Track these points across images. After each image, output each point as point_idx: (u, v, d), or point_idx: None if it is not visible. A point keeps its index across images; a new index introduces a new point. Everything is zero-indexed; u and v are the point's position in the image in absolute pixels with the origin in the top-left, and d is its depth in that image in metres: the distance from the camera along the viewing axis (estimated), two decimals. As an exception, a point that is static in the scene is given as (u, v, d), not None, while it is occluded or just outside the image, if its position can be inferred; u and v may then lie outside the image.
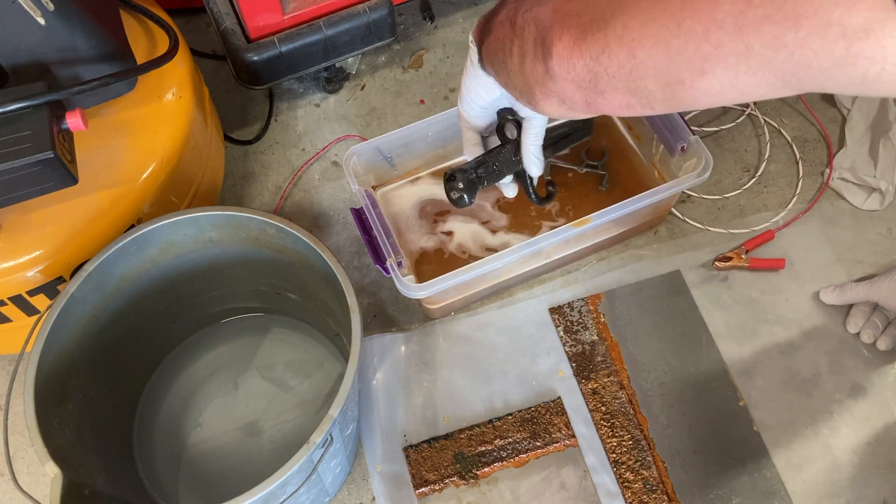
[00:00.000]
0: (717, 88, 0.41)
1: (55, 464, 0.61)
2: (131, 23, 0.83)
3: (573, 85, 0.48)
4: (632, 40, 0.43)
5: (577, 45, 0.46)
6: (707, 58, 0.40)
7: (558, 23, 0.47)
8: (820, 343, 0.89)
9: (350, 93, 1.11)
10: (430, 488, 0.82)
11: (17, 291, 0.75)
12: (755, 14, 0.37)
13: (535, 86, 0.52)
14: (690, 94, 0.42)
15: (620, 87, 0.46)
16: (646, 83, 0.44)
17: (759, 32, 0.37)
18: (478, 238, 0.94)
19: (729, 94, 0.41)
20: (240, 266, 0.83)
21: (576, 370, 0.88)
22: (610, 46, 0.44)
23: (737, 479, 0.82)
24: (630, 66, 0.44)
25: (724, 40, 0.38)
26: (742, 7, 0.37)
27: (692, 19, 0.39)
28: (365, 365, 0.89)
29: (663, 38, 0.41)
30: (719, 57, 0.39)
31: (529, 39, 0.50)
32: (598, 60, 0.45)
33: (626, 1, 0.43)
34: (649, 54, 0.42)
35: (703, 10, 0.39)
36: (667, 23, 0.41)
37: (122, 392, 0.85)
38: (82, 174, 0.69)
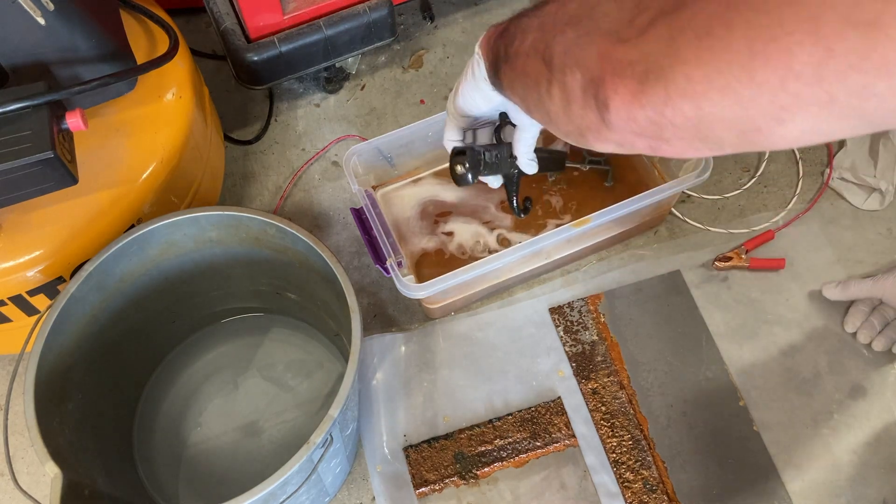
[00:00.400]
0: (798, 134, 0.39)
1: (55, 464, 0.61)
2: (131, 23, 0.83)
3: (634, 135, 0.45)
4: (696, 92, 0.40)
5: (637, 99, 0.43)
6: (785, 107, 0.37)
7: (610, 73, 0.44)
8: (820, 343, 0.89)
9: (350, 93, 1.11)
10: (430, 488, 0.82)
11: (17, 291, 0.75)
12: (838, 64, 0.34)
13: (587, 132, 0.49)
14: (768, 140, 0.40)
15: (688, 136, 0.43)
16: (716, 132, 0.41)
17: (844, 83, 0.35)
18: (479, 238, 0.94)
19: (810, 137, 0.39)
20: (240, 266, 0.83)
21: (576, 370, 0.88)
22: (673, 99, 0.41)
23: (737, 479, 0.82)
24: (697, 117, 0.41)
25: (804, 91, 0.36)
26: (821, 58, 0.34)
27: (764, 70, 0.37)
28: (365, 365, 0.89)
29: (733, 90, 0.38)
30: (799, 107, 0.37)
31: (575, 86, 0.47)
32: (662, 113, 0.42)
33: (683, 48, 0.40)
34: (719, 106, 0.39)
35: (777, 61, 0.36)
36: (735, 74, 0.38)
37: (122, 392, 0.85)
38: (82, 174, 0.69)
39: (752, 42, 0.37)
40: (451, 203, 0.96)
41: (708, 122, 0.41)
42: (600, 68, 0.44)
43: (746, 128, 0.40)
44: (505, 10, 1.17)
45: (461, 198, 0.96)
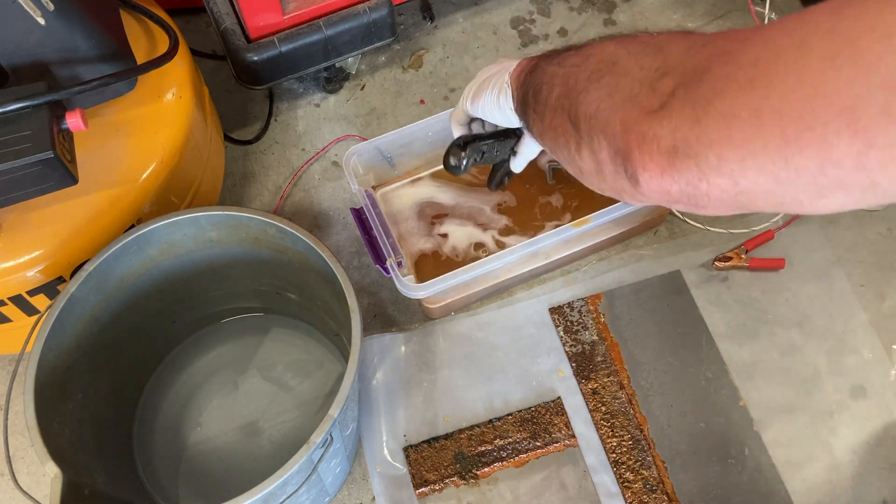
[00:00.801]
0: (839, 206, 0.38)
1: (55, 464, 0.61)
2: (131, 23, 0.83)
3: (670, 202, 0.45)
4: (732, 171, 0.39)
5: (668, 174, 0.42)
6: (826, 187, 0.37)
7: (637, 147, 0.43)
8: (820, 343, 0.89)
9: (350, 93, 1.11)
10: (430, 488, 0.82)
11: (17, 291, 0.75)
12: (880, 156, 0.34)
13: (622, 193, 0.48)
14: (809, 209, 0.39)
15: (725, 205, 0.42)
16: (755, 203, 0.41)
17: (887, 172, 0.34)
18: (472, 241, 0.94)
19: (852, 207, 0.39)
20: (240, 266, 0.83)
21: (576, 370, 0.88)
22: (707, 175, 0.40)
23: (737, 479, 0.82)
24: (734, 191, 0.40)
25: (845, 176, 0.36)
26: (862, 149, 0.34)
27: (801, 157, 0.36)
28: (365, 365, 0.89)
29: (769, 171, 0.38)
30: (840, 188, 0.36)
31: (604, 154, 0.47)
32: (696, 187, 0.41)
33: (711, 130, 0.39)
34: (755, 183, 0.39)
35: (814, 149, 0.35)
36: (771, 158, 0.37)
37: (122, 392, 0.85)
38: (82, 174, 0.69)
39: (785, 129, 0.36)
40: (448, 205, 0.96)
41: (746, 194, 0.40)
42: (626, 140, 0.44)
43: (785, 200, 0.39)
44: (505, 9, 1.17)
45: (457, 200, 0.96)
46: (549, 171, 0.94)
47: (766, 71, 0.37)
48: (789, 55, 0.36)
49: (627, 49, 0.48)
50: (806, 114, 0.35)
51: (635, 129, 0.43)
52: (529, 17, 1.17)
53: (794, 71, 0.36)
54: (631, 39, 0.49)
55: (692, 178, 0.41)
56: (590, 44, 0.53)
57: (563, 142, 0.52)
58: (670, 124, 0.41)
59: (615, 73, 0.47)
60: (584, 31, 1.15)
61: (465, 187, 0.97)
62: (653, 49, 0.46)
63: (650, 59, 0.45)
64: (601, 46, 0.51)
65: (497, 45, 1.14)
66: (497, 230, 0.94)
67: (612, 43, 0.50)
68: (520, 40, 1.15)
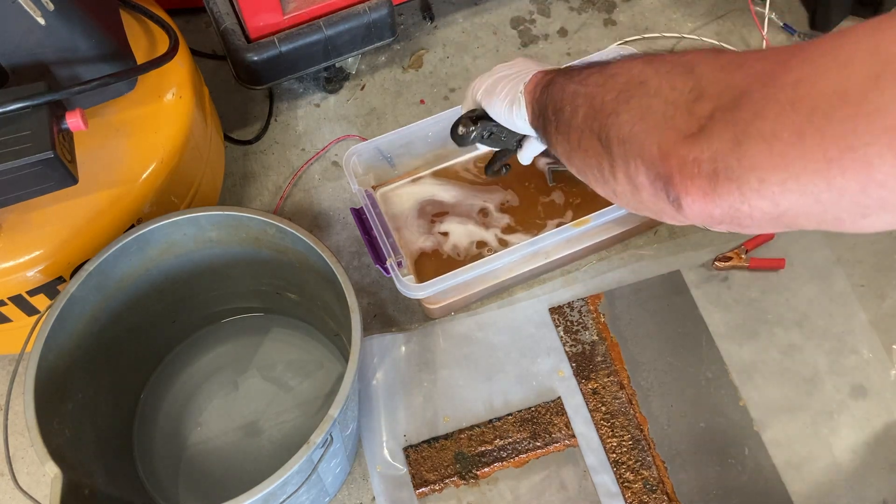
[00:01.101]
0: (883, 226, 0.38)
1: (55, 464, 0.61)
2: (131, 23, 0.83)
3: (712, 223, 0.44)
4: (773, 193, 0.39)
5: (710, 198, 0.42)
6: (869, 207, 0.37)
7: (677, 171, 0.43)
8: (820, 343, 0.89)
9: (350, 93, 1.11)
10: (430, 488, 0.82)
11: (17, 291, 0.75)
12: None
13: (662, 215, 0.48)
14: (852, 227, 0.40)
15: (767, 225, 0.42)
16: (797, 222, 0.41)
17: None
18: (473, 239, 0.94)
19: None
20: (240, 266, 0.83)
21: (576, 370, 0.88)
22: (748, 198, 0.40)
23: (737, 479, 0.82)
24: (776, 212, 0.40)
25: (888, 197, 0.36)
26: None
27: (843, 178, 0.36)
28: (365, 365, 0.89)
29: (810, 193, 0.38)
30: (882, 208, 0.37)
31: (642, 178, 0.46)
32: (738, 209, 0.41)
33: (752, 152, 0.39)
34: (797, 204, 0.39)
35: (856, 171, 0.35)
36: (811, 179, 0.37)
37: (122, 392, 0.85)
38: (82, 174, 0.69)
39: (827, 150, 0.36)
40: (449, 203, 0.96)
41: (787, 215, 0.40)
42: (666, 165, 0.43)
43: (828, 218, 0.39)
44: (505, 9, 1.17)
45: (458, 198, 0.96)
46: (548, 174, 0.94)
47: (808, 92, 0.37)
48: (831, 76, 0.36)
49: (655, 68, 0.47)
50: (848, 134, 0.35)
51: (675, 154, 0.43)
52: (529, 17, 1.17)
53: (836, 92, 0.36)
54: (659, 59, 0.48)
55: (734, 202, 0.41)
56: (613, 62, 0.52)
57: (594, 164, 0.52)
58: (710, 148, 0.41)
59: (645, 93, 0.47)
60: (584, 31, 1.15)
61: (466, 185, 0.97)
62: (683, 69, 0.45)
63: (682, 80, 0.45)
64: (627, 66, 0.50)
65: (497, 45, 1.14)
66: (500, 228, 0.94)
67: (638, 62, 0.50)
68: (520, 40, 1.15)
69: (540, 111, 0.61)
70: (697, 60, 0.45)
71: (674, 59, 0.47)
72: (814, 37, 1.10)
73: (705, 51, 0.47)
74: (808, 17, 1.14)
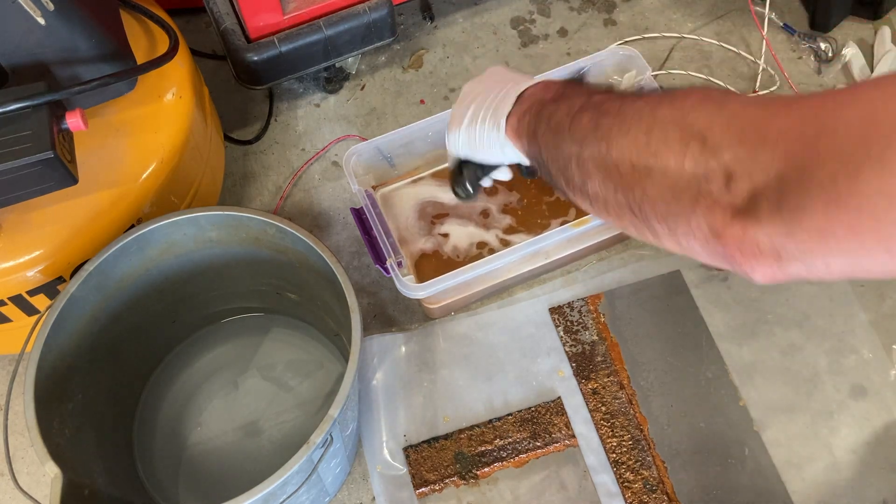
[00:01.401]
0: None
1: (55, 464, 0.61)
2: (131, 23, 0.83)
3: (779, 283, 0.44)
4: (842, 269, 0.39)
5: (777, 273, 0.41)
6: None
7: (738, 252, 0.41)
8: (820, 343, 0.89)
9: (350, 93, 1.11)
10: (430, 488, 0.82)
11: (17, 291, 0.75)
12: None
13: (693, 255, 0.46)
14: None
15: (837, 278, 0.42)
16: (866, 277, 0.40)
17: None
18: (474, 240, 0.94)
19: None
20: (240, 266, 0.83)
21: (576, 370, 0.88)
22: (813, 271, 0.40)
23: (737, 479, 0.82)
24: (841, 274, 0.40)
25: None
26: None
27: None
28: (365, 365, 0.89)
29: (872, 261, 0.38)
30: None
31: (696, 247, 0.45)
32: (806, 278, 0.41)
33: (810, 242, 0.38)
34: (860, 269, 0.39)
35: None
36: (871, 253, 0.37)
37: (122, 392, 0.85)
38: (82, 174, 0.69)
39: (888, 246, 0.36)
40: (449, 204, 0.96)
41: (853, 274, 0.40)
42: (723, 244, 0.42)
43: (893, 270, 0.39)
44: (505, 9, 1.17)
45: (459, 200, 0.96)
46: None
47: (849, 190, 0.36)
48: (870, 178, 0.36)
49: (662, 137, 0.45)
50: None
51: (729, 235, 0.42)
52: (529, 17, 1.17)
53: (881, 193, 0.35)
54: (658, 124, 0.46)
55: (800, 273, 0.41)
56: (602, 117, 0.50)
57: (631, 229, 0.50)
58: (764, 231, 0.40)
59: (664, 170, 0.45)
60: (584, 30, 1.15)
61: (465, 187, 0.97)
62: (694, 139, 0.43)
63: (700, 154, 0.43)
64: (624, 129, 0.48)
65: (497, 46, 1.14)
66: (501, 229, 0.94)
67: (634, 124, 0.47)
68: (520, 40, 1.15)
69: (537, 160, 0.59)
70: (703, 124, 0.43)
71: (674, 120, 0.45)
72: (813, 37, 1.10)
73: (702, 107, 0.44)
74: (807, 18, 1.14)
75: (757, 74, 1.09)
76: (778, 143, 0.40)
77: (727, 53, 1.12)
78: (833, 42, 1.10)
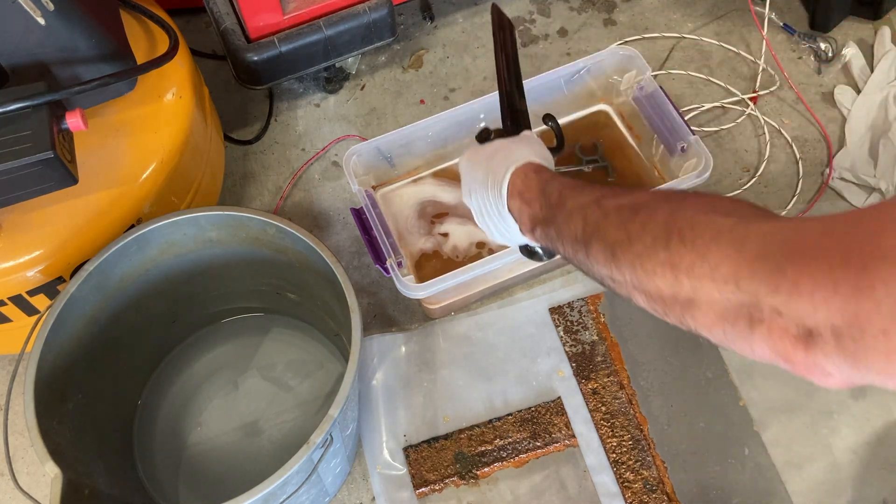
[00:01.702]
0: None
1: (55, 464, 0.61)
2: (131, 23, 0.83)
3: None
4: None
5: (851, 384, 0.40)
6: None
7: (808, 372, 0.40)
8: (820, 343, 0.89)
9: (350, 93, 1.11)
10: (430, 488, 0.82)
11: (17, 291, 0.75)
12: None
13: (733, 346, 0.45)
14: None
15: None
16: None
17: None
18: (473, 240, 0.94)
19: None
20: (240, 266, 0.83)
21: (576, 370, 0.88)
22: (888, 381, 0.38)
23: (737, 479, 0.82)
24: None
25: None
26: None
27: None
28: (365, 365, 0.89)
29: None
30: None
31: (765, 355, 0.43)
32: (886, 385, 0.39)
33: (873, 372, 0.37)
34: None
35: None
36: None
37: (122, 392, 0.85)
38: (82, 174, 0.69)
39: None
40: (449, 205, 0.96)
41: None
42: (791, 364, 0.41)
43: None
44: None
45: (459, 199, 0.96)
46: None
47: None
48: None
49: (693, 272, 0.44)
50: None
51: (794, 360, 0.40)
52: (529, 17, 1.17)
53: None
54: (685, 266, 0.44)
55: (878, 383, 0.39)
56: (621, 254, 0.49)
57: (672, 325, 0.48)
58: (831, 361, 0.39)
59: (711, 298, 0.43)
60: (584, 30, 1.15)
61: (465, 187, 0.97)
62: (724, 282, 0.42)
63: (736, 292, 0.41)
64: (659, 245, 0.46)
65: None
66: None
67: (665, 271, 0.45)
68: (520, 40, 1.15)
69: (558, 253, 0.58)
70: (729, 270, 0.42)
71: (698, 259, 0.43)
72: (813, 37, 1.10)
73: (721, 246, 0.42)
74: (807, 18, 1.14)
75: (757, 74, 1.09)
76: (815, 293, 0.38)
77: (727, 53, 1.12)
78: (833, 42, 1.10)
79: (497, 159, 0.65)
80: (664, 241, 0.45)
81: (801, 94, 1.07)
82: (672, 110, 0.91)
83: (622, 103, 1.01)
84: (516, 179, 0.62)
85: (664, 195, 0.52)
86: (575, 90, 0.99)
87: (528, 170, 0.63)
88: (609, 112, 1.03)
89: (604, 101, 1.03)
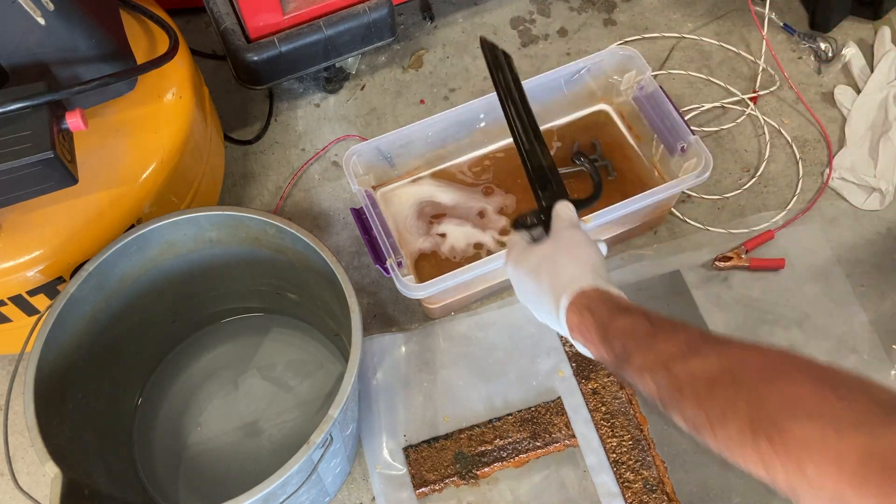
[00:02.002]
0: None
1: (55, 464, 0.61)
2: (131, 23, 0.83)
3: None
4: None
5: None
6: None
7: None
8: (820, 343, 0.89)
9: (350, 93, 1.11)
10: (430, 488, 0.82)
11: (17, 291, 0.75)
12: None
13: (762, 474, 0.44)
14: None
15: None
16: None
17: None
18: (470, 241, 0.94)
19: None
20: (240, 266, 0.83)
21: (576, 370, 0.88)
22: None
23: (737, 479, 0.82)
24: None
25: None
26: None
27: None
28: (365, 365, 0.89)
29: None
30: None
31: None
32: None
33: None
34: None
35: None
36: None
37: (122, 392, 0.85)
38: (82, 174, 0.69)
39: None
40: (448, 205, 0.96)
41: None
42: None
43: None
44: (505, 9, 1.17)
45: (457, 200, 0.96)
46: None
47: None
48: None
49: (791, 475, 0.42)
50: None
51: None
52: (529, 17, 1.17)
53: None
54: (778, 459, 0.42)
55: None
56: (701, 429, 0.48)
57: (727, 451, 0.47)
58: None
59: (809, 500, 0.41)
60: (583, 31, 1.15)
61: (465, 188, 0.97)
62: (834, 497, 0.40)
63: None
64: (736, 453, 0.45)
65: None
66: (497, 230, 0.94)
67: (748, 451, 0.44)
68: (520, 40, 1.15)
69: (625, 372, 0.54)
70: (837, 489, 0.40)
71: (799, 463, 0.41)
72: (813, 37, 1.10)
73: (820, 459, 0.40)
74: (807, 18, 1.14)
75: (757, 74, 1.09)
76: None
77: (727, 53, 1.12)
78: (833, 42, 1.10)
79: (544, 279, 0.61)
80: (751, 440, 0.44)
81: (801, 94, 1.07)
82: (672, 110, 0.91)
83: (622, 103, 1.01)
84: (572, 316, 0.58)
85: (737, 364, 0.48)
86: (575, 90, 0.99)
87: (580, 305, 0.57)
88: (609, 112, 1.03)
89: (604, 101, 1.03)
